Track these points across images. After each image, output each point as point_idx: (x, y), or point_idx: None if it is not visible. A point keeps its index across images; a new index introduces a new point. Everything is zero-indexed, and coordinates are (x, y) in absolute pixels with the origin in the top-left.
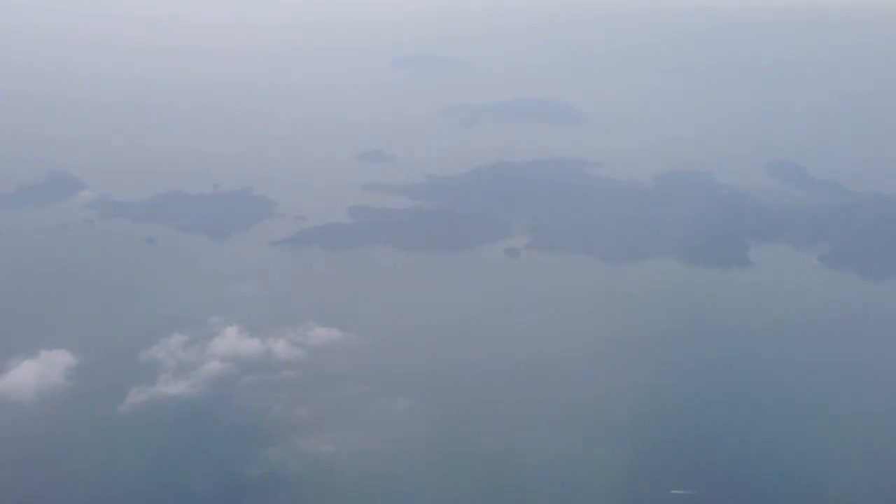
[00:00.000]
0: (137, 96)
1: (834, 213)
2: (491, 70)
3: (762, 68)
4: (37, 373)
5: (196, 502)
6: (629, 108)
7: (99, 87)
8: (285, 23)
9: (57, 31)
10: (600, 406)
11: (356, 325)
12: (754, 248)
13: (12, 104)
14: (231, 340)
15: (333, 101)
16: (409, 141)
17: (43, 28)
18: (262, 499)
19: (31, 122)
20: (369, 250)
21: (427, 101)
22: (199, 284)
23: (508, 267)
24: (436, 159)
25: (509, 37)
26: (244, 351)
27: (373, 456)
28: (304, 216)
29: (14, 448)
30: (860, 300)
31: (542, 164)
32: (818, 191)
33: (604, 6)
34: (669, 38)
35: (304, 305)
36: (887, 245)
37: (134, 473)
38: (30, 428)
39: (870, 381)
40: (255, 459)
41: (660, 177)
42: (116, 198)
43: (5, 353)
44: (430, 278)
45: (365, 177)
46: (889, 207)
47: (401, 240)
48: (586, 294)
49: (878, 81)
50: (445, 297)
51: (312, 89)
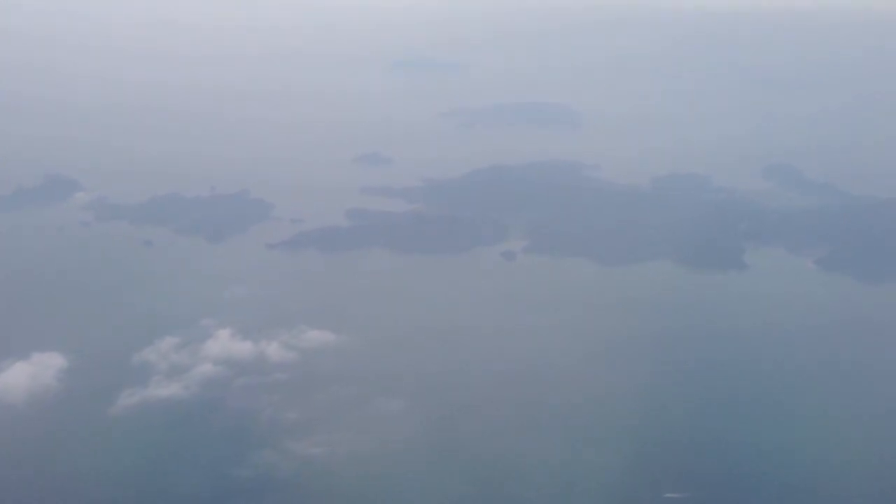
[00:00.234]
0: (134, 98)
1: (830, 216)
2: (489, 73)
3: (759, 72)
4: (29, 375)
5: None
6: (627, 111)
7: (96, 89)
8: (283, 26)
9: (55, 32)
10: (595, 409)
11: (350, 327)
12: (750, 251)
13: (9, 105)
14: (224, 343)
15: (331, 104)
16: (407, 144)
17: (41, 29)
18: (254, 501)
19: (29, 124)
20: (366, 253)
21: (425, 104)
22: (194, 287)
23: (505, 270)
24: (433, 162)
25: (507, 40)
26: (237, 353)
27: (365, 458)
28: (300, 219)
29: (5, 450)
30: (856, 304)
31: (540, 167)
32: (815, 194)
33: (601, 9)
34: (667, 41)
35: (298, 308)
36: (883, 249)
37: (126, 475)
38: (21, 430)
39: (865, 385)
40: (246, 461)
41: (657, 180)
42: (113, 200)
43: None
44: (426, 281)
45: (362, 179)
46: (886, 211)
47: (397, 243)
48: (583, 297)
49: (876, 85)
50: (441, 299)
51: (311, 92)
